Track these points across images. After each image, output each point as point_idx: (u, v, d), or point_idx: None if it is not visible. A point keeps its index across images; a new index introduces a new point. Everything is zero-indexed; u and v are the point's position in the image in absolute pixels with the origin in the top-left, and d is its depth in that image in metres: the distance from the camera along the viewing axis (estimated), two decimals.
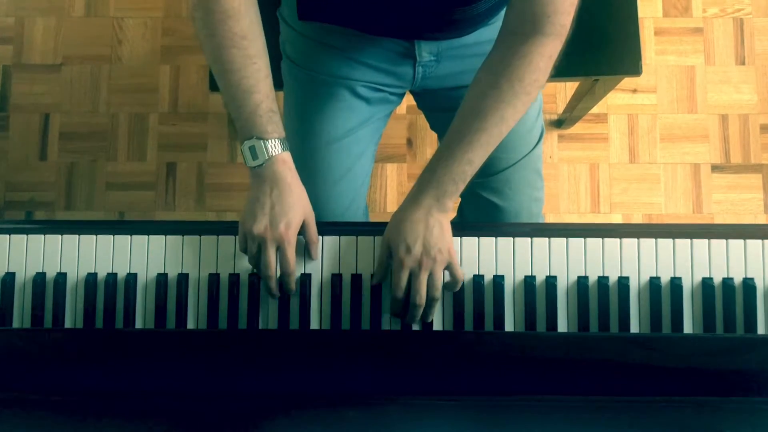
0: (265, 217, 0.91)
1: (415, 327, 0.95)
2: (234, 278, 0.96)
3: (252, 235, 0.91)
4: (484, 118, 0.91)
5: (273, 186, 0.92)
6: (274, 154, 0.92)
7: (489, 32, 1.12)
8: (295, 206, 0.92)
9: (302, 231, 0.95)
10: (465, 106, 0.94)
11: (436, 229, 0.91)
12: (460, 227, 0.98)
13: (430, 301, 0.93)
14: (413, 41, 1.10)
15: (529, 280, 0.95)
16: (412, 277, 0.92)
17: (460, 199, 1.30)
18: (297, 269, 0.96)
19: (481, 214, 1.21)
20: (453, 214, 1.40)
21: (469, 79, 1.14)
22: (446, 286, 0.95)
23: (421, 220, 0.91)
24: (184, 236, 0.97)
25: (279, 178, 0.92)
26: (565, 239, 0.96)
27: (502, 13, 1.10)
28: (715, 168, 1.85)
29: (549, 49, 0.91)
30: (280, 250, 0.92)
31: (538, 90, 0.93)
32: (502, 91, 0.90)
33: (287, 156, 0.93)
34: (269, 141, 0.91)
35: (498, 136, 0.92)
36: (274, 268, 0.92)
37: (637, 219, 1.83)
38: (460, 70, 1.14)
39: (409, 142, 1.86)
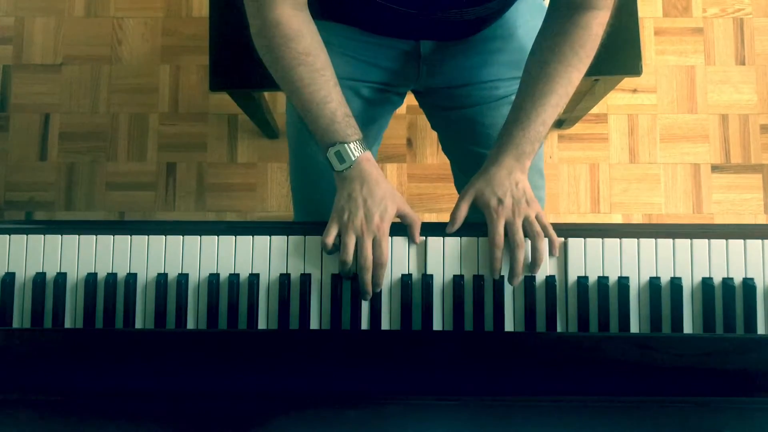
0: (360, 211, 0.95)
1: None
2: (234, 278, 0.96)
3: (349, 229, 0.94)
4: (554, 81, 0.98)
5: (362, 183, 0.96)
6: (358, 155, 0.96)
7: (494, 30, 1.12)
8: (386, 198, 0.96)
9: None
10: (531, 73, 1.01)
11: (520, 184, 0.98)
12: (461, 227, 0.98)
13: (534, 239, 0.95)
14: (419, 41, 1.10)
15: (528, 280, 0.95)
16: (509, 225, 0.96)
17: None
18: (297, 269, 0.96)
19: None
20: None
21: (474, 77, 1.14)
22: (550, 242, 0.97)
23: (505, 178, 0.97)
24: (184, 236, 0.97)
25: (366, 175, 0.96)
26: (565, 239, 0.96)
27: (508, 11, 1.11)
28: (715, 168, 1.85)
29: (602, 18, 1.00)
30: (375, 242, 0.94)
31: (593, 53, 1.02)
32: (567, 57, 0.99)
33: (369, 154, 0.98)
34: (351, 143, 0.96)
35: (566, 97, 1.00)
36: (371, 260, 0.94)
37: (637, 219, 1.83)
38: (464, 68, 1.14)
39: (409, 142, 1.86)
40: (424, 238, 0.98)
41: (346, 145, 0.96)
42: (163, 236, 0.97)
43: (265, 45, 0.98)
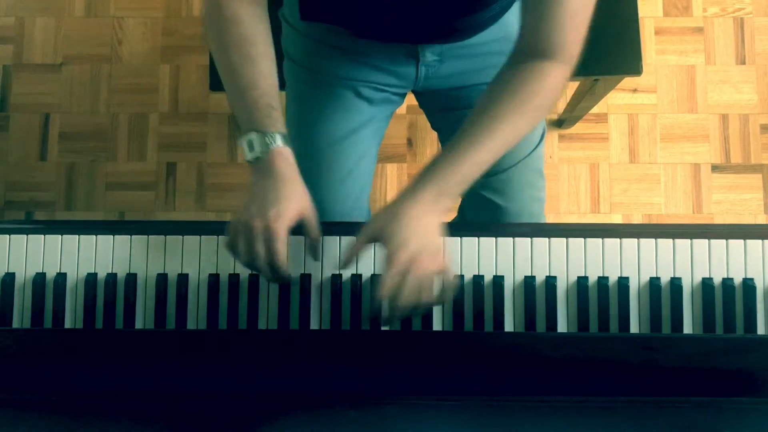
0: (255, 206, 0.87)
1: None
2: (234, 278, 0.96)
3: (240, 224, 0.88)
4: (498, 122, 0.92)
5: (269, 177, 0.89)
6: (271, 147, 0.90)
7: (492, 33, 1.12)
8: (289, 198, 0.88)
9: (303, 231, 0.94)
10: (477, 111, 0.94)
11: (430, 228, 0.88)
12: (460, 227, 0.98)
13: (426, 304, 0.88)
14: (417, 44, 1.10)
15: (528, 281, 0.95)
16: (401, 277, 0.86)
17: (460, 199, 1.30)
18: (297, 269, 0.96)
19: (482, 214, 1.21)
20: (453, 214, 1.40)
21: (473, 79, 1.14)
22: (440, 296, 0.90)
23: (418, 218, 0.87)
24: (184, 236, 0.97)
25: (275, 170, 0.89)
26: (565, 239, 0.96)
27: (506, 14, 1.11)
28: (715, 168, 1.85)
29: (561, 72, 0.94)
30: (268, 242, 0.87)
31: (549, 110, 0.96)
32: (516, 103, 0.92)
33: (286, 150, 0.91)
34: (267, 134, 0.90)
35: (506, 146, 0.93)
36: (265, 258, 0.87)
37: (637, 219, 1.83)
38: (463, 70, 1.14)
39: (409, 142, 1.86)
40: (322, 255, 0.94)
41: (260, 133, 0.90)
42: (163, 236, 0.97)
43: (209, 26, 0.96)
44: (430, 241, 0.87)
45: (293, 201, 0.89)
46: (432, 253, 0.87)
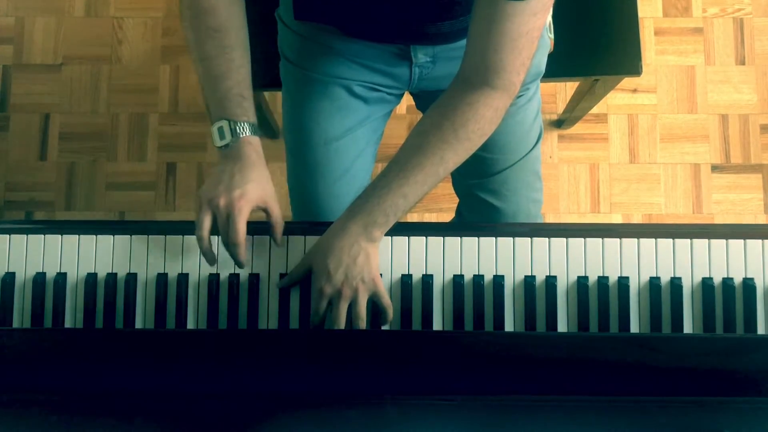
0: (222, 185, 0.92)
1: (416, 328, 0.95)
2: (234, 278, 0.96)
3: (206, 201, 0.91)
4: (425, 156, 0.92)
5: (236, 162, 0.93)
6: (241, 135, 0.94)
7: None
8: (254, 181, 0.92)
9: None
10: (408, 141, 0.95)
11: (360, 257, 0.90)
12: (460, 227, 0.98)
13: (354, 322, 0.92)
14: (409, 45, 1.10)
15: (529, 280, 0.95)
16: (332, 306, 0.91)
17: (459, 199, 1.30)
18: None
19: (479, 216, 1.21)
20: (451, 215, 1.40)
21: None
22: (382, 319, 0.94)
23: (345, 248, 0.90)
24: (184, 236, 0.97)
25: (243, 156, 0.93)
26: (565, 239, 0.96)
27: None
28: (715, 168, 1.85)
29: (496, 101, 0.92)
30: (229, 218, 0.91)
31: (481, 139, 0.94)
32: (445, 132, 0.92)
33: (254, 139, 0.95)
34: (237, 123, 0.94)
35: (435, 176, 0.93)
36: (229, 237, 0.91)
37: (637, 219, 1.83)
38: (455, 71, 1.13)
39: None
40: (286, 238, 0.96)
41: (230, 122, 0.94)
42: (163, 236, 0.97)
43: (185, 16, 0.98)
44: (358, 270, 0.90)
45: (258, 184, 0.93)
46: (361, 281, 0.90)
